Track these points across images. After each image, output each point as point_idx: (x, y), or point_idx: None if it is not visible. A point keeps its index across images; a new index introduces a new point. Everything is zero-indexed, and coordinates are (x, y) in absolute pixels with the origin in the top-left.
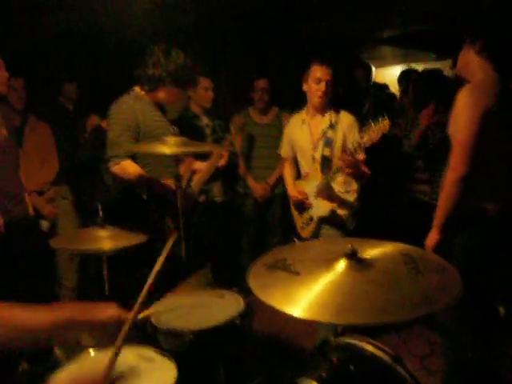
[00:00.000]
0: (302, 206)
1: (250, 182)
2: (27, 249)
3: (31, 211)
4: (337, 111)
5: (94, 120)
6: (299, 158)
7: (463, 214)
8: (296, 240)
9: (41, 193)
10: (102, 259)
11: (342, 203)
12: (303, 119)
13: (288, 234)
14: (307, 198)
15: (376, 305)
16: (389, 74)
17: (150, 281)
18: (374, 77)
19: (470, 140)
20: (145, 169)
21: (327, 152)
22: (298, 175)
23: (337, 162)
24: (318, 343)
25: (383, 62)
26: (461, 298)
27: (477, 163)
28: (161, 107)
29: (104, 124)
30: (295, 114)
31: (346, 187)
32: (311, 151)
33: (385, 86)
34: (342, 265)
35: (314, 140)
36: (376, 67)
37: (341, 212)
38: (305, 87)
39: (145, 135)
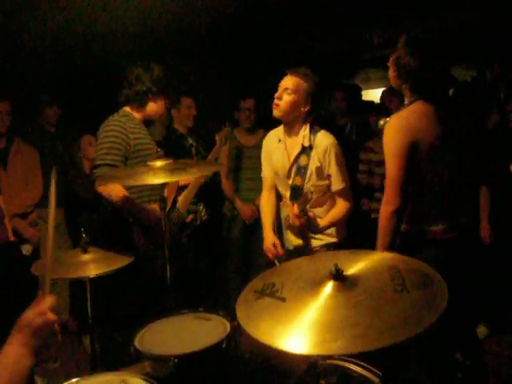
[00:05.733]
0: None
1: (238, 204)
2: (8, 274)
3: (11, 235)
4: (314, 131)
5: (88, 139)
6: (276, 181)
7: (408, 241)
8: (277, 262)
9: (24, 216)
10: (85, 284)
11: (311, 242)
12: (280, 138)
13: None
14: (282, 254)
15: (357, 332)
16: (377, 97)
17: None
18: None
19: (398, 174)
20: (129, 190)
21: (298, 181)
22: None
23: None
24: (306, 366)
25: (371, 84)
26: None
27: (413, 191)
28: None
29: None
30: (261, 135)
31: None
32: (285, 178)
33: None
34: (327, 287)
35: (288, 165)
36: (364, 89)
37: (308, 251)
38: None
39: (133, 154)
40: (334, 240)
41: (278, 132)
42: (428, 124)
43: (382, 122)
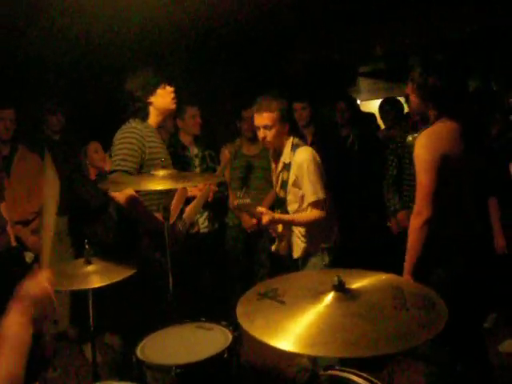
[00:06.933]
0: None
1: (240, 213)
2: (10, 281)
3: (13, 242)
4: (295, 147)
5: (94, 146)
6: None
7: (436, 250)
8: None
9: (26, 223)
10: (88, 295)
11: (297, 248)
12: (271, 158)
13: (276, 265)
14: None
15: (350, 338)
16: (374, 108)
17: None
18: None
19: (431, 185)
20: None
21: (282, 194)
22: None
23: (292, 209)
24: (307, 376)
25: (367, 95)
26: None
27: (441, 202)
28: None
29: (108, 165)
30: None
31: (305, 233)
32: (276, 191)
33: (372, 116)
34: (328, 296)
35: (276, 180)
36: (361, 100)
37: (296, 256)
38: None
39: (147, 162)
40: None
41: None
42: (455, 139)
43: (410, 138)
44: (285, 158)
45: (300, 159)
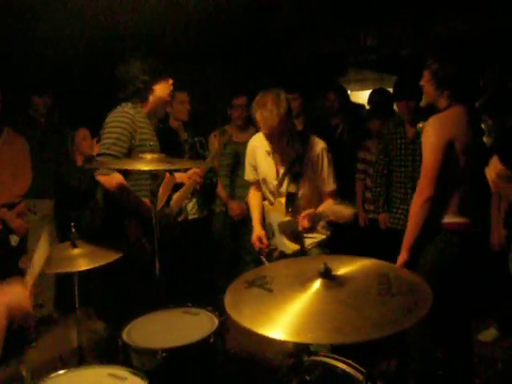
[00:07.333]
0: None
1: (227, 200)
2: None
3: None
4: (304, 140)
5: (83, 133)
6: (263, 188)
7: (432, 230)
8: (264, 260)
9: (11, 206)
10: (74, 278)
11: (306, 245)
12: (267, 150)
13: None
14: (267, 247)
15: (335, 326)
16: (364, 98)
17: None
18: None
19: (435, 165)
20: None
21: (293, 189)
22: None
23: (304, 203)
24: (291, 362)
25: (358, 86)
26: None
27: (443, 184)
28: None
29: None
30: (252, 133)
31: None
32: (277, 186)
33: (362, 107)
34: (315, 283)
35: (279, 174)
36: (351, 90)
37: (308, 243)
38: None
39: (137, 149)
40: (323, 237)
41: (264, 142)
42: (463, 125)
43: (420, 125)
44: (296, 149)
45: (318, 149)
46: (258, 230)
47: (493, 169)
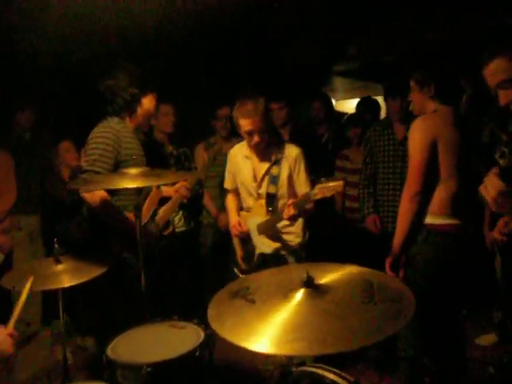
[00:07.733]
0: (244, 238)
1: (214, 211)
2: None
3: None
4: (280, 146)
5: (66, 145)
6: (242, 192)
7: (419, 230)
8: (236, 271)
9: None
10: (58, 295)
11: (286, 243)
12: (246, 155)
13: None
14: (248, 231)
15: (318, 337)
16: (349, 107)
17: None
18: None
19: (421, 163)
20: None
21: (272, 189)
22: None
23: (283, 204)
24: (279, 372)
25: (343, 95)
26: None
27: (430, 182)
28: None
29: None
30: (236, 143)
31: (290, 228)
32: (255, 188)
33: (345, 115)
34: (298, 293)
35: (258, 176)
36: (336, 99)
37: (283, 252)
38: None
39: (122, 164)
40: (299, 240)
41: (243, 148)
42: (448, 125)
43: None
44: (274, 154)
45: (295, 153)
46: (234, 217)
47: (491, 186)
